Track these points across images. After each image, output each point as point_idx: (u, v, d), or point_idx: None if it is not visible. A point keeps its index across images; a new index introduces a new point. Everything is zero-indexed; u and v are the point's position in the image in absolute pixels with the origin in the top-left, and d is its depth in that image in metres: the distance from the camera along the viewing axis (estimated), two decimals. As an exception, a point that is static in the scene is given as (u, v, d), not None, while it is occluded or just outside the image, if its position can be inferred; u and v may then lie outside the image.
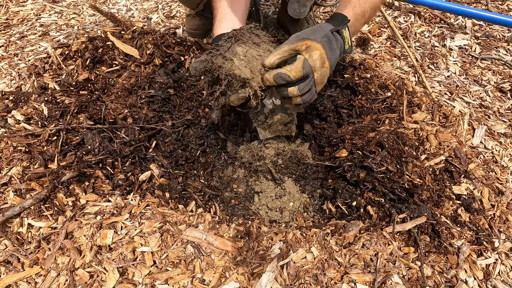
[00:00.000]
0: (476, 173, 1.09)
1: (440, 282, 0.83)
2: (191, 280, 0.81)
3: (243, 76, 0.86)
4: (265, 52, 0.90)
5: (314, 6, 1.66)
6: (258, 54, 0.90)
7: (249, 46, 0.90)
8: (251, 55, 0.88)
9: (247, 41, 0.91)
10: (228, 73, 0.86)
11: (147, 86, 1.31)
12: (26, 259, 0.86)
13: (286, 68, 0.86)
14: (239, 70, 0.86)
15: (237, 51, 0.87)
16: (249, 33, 0.94)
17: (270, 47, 0.93)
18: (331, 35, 0.93)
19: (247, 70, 0.87)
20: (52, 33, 1.81)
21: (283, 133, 1.13)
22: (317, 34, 0.90)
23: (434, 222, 0.92)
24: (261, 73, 0.91)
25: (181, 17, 1.92)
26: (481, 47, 1.65)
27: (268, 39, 0.96)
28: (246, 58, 0.88)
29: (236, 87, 0.90)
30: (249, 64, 0.88)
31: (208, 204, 1.07)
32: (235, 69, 0.86)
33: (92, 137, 1.09)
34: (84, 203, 0.97)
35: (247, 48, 0.89)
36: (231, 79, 0.87)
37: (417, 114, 1.22)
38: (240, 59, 0.87)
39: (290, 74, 0.85)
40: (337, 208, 1.03)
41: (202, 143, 1.20)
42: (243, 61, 0.87)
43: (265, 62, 0.88)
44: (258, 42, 0.93)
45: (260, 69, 0.89)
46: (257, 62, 0.89)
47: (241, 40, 0.91)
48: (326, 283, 0.80)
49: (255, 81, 0.89)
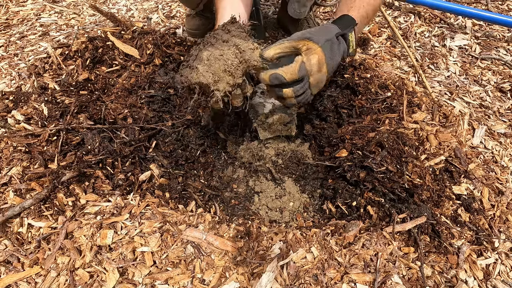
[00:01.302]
0: (476, 173, 1.09)
1: (440, 282, 0.83)
2: (191, 280, 0.81)
3: (205, 82, 0.83)
4: (230, 49, 0.85)
5: (314, 6, 1.66)
6: (221, 53, 0.85)
7: (215, 47, 0.85)
8: (214, 57, 0.84)
9: (216, 42, 0.87)
10: (193, 82, 0.84)
11: (147, 86, 1.31)
12: (26, 259, 0.86)
13: (282, 69, 0.85)
14: (203, 76, 0.83)
15: (202, 57, 0.84)
16: (222, 31, 0.90)
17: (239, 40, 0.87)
18: (335, 40, 0.92)
19: (209, 75, 0.83)
20: (52, 33, 1.81)
21: (283, 133, 1.14)
22: (321, 37, 0.89)
23: (434, 222, 0.92)
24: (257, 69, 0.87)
25: (181, 17, 1.92)
26: (481, 47, 1.65)
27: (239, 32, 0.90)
28: (208, 62, 0.84)
29: (209, 93, 0.87)
30: (211, 68, 0.84)
31: (208, 204, 1.07)
32: (199, 77, 0.83)
33: (92, 137, 1.09)
34: (84, 203, 0.97)
35: (212, 51, 0.85)
36: (199, 87, 0.85)
37: (417, 114, 1.22)
38: (204, 64, 0.84)
39: (286, 76, 0.84)
40: (337, 208, 1.03)
41: (202, 143, 1.20)
42: (206, 66, 0.84)
43: (264, 54, 0.86)
44: (227, 39, 0.88)
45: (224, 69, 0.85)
46: (219, 62, 0.84)
47: (210, 43, 0.87)
48: (326, 283, 0.80)
49: (222, 83, 0.85)
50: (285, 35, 1.80)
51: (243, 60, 0.86)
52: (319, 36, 0.89)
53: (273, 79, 0.86)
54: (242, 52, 0.86)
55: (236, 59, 0.85)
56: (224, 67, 0.84)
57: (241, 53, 0.86)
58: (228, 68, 0.84)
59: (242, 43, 0.86)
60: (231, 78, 0.86)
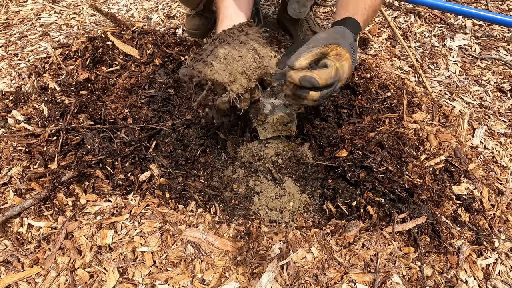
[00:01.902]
0: (476, 173, 1.09)
1: (440, 282, 0.83)
2: (191, 280, 0.81)
3: (220, 81, 0.83)
4: (249, 52, 0.86)
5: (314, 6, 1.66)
6: (240, 54, 0.85)
7: (233, 46, 0.85)
8: (232, 56, 0.84)
9: (233, 41, 0.87)
10: (207, 78, 0.83)
11: (147, 86, 1.31)
12: (26, 259, 0.86)
13: (317, 74, 0.82)
14: (218, 74, 0.82)
15: (218, 53, 0.84)
16: (238, 32, 0.89)
17: (257, 44, 0.87)
18: (354, 44, 0.91)
19: (225, 74, 0.83)
20: (52, 33, 1.81)
21: (283, 133, 1.14)
22: (345, 42, 0.87)
23: (434, 222, 0.92)
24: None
25: (181, 17, 1.92)
26: (481, 47, 1.65)
27: (257, 36, 0.90)
28: (226, 61, 0.83)
29: (219, 92, 0.87)
30: (228, 67, 0.83)
31: (208, 204, 1.07)
32: (214, 73, 0.82)
33: (92, 137, 1.09)
34: (84, 203, 0.97)
35: (229, 50, 0.85)
36: (211, 84, 0.84)
37: (417, 114, 1.22)
38: (220, 62, 0.83)
39: (320, 81, 0.82)
40: (337, 208, 1.03)
41: (202, 143, 1.20)
42: (222, 64, 0.83)
43: (295, 64, 0.83)
44: (244, 41, 0.88)
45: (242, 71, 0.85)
46: (237, 63, 0.84)
47: (226, 41, 0.87)
48: (326, 283, 0.80)
49: (236, 84, 0.85)
50: (285, 35, 1.80)
51: (261, 65, 0.86)
52: (344, 41, 0.88)
53: (305, 82, 0.82)
54: (261, 57, 0.87)
55: (254, 63, 0.86)
56: (243, 69, 0.84)
57: (260, 58, 0.87)
58: (246, 71, 0.85)
59: (261, 48, 0.87)
60: (246, 81, 0.86)
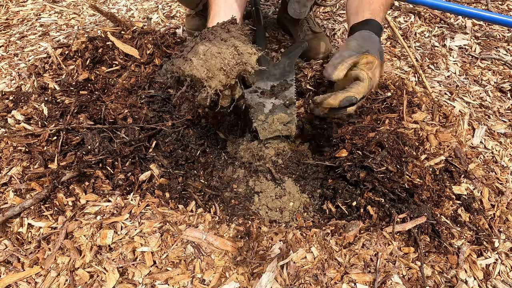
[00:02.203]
0: (476, 173, 1.09)
1: (440, 282, 0.83)
2: (191, 280, 0.81)
3: (198, 76, 0.83)
4: (228, 48, 0.85)
5: (314, 6, 1.66)
6: (219, 51, 0.84)
7: (213, 43, 0.85)
8: (211, 53, 0.84)
9: (214, 38, 0.86)
10: (186, 74, 0.83)
11: (147, 86, 1.31)
12: (26, 259, 0.86)
13: (353, 91, 0.82)
14: (196, 70, 0.82)
15: (198, 50, 0.84)
16: (221, 29, 0.89)
17: (238, 41, 0.87)
18: (382, 49, 0.91)
19: (203, 69, 0.83)
20: (52, 33, 1.81)
21: (283, 133, 1.14)
22: (375, 48, 0.88)
23: (434, 222, 0.92)
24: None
25: (181, 17, 1.92)
26: (481, 47, 1.65)
27: (239, 34, 0.90)
28: (205, 57, 0.83)
29: (199, 88, 0.87)
30: (206, 63, 0.83)
31: (208, 204, 1.07)
32: (192, 69, 0.82)
33: (92, 137, 1.09)
34: (84, 203, 0.97)
35: (209, 46, 0.84)
36: (191, 80, 0.85)
37: (417, 114, 1.22)
38: (199, 58, 0.83)
39: (358, 96, 0.82)
40: (337, 208, 1.03)
41: (202, 143, 1.20)
42: (201, 60, 0.83)
43: (333, 77, 0.83)
44: (226, 38, 0.88)
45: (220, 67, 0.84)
46: (216, 60, 0.84)
47: (207, 38, 0.86)
48: (326, 283, 0.80)
49: (214, 81, 0.85)
50: (285, 35, 1.80)
51: (240, 62, 0.86)
52: (374, 48, 0.88)
53: (346, 103, 0.82)
54: (240, 54, 0.86)
55: (233, 60, 0.86)
56: (220, 66, 0.84)
57: (239, 55, 0.86)
58: (224, 67, 0.84)
59: (241, 45, 0.87)
60: (224, 77, 0.86)
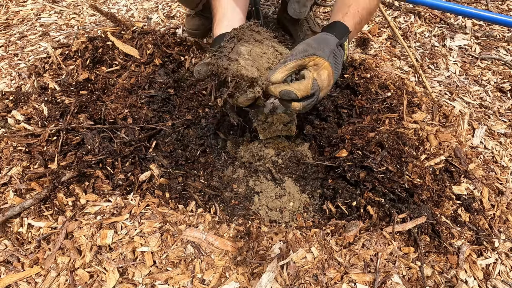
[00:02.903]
0: (476, 173, 1.09)
1: (440, 282, 0.83)
2: (191, 280, 0.81)
3: (250, 76, 0.84)
4: (269, 49, 0.89)
5: (314, 6, 1.66)
6: (263, 51, 0.88)
7: (252, 44, 0.88)
8: (256, 53, 0.87)
9: (249, 39, 0.89)
10: (235, 74, 0.84)
11: (147, 86, 1.31)
12: (26, 259, 0.86)
13: (294, 86, 0.83)
14: (246, 70, 0.84)
15: (241, 51, 0.86)
16: (250, 31, 0.92)
17: (273, 43, 0.91)
18: (337, 51, 0.91)
19: (254, 69, 0.85)
20: (52, 33, 1.81)
21: (283, 133, 1.13)
22: (324, 50, 0.88)
23: (434, 222, 0.92)
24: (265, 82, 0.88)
25: (181, 17, 1.92)
26: (481, 47, 1.65)
27: (269, 35, 0.94)
28: (252, 57, 0.86)
29: (244, 88, 0.88)
30: (255, 63, 0.86)
31: (208, 204, 1.07)
32: (241, 69, 0.84)
33: (92, 137, 1.09)
34: (84, 203, 0.97)
35: (251, 47, 0.87)
36: (239, 80, 0.85)
37: (417, 114, 1.22)
38: (246, 58, 0.85)
39: (298, 93, 0.83)
40: (337, 208, 1.03)
41: (202, 143, 1.20)
42: (248, 60, 0.85)
43: (271, 79, 0.84)
44: (260, 39, 0.91)
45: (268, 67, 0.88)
46: (262, 59, 0.88)
47: (244, 39, 0.89)
48: (326, 283, 0.80)
49: (262, 79, 0.87)
50: (285, 35, 1.80)
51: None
52: (324, 50, 0.88)
53: (284, 95, 0.84)
54: (281, 53, 0.91)
55: (276, 59, 0.90)
56: (268, 65, 0.88)
57: (280, 55, 0.91)
58: (271, 66, 0.88)
59: (278, 45, 0.92)
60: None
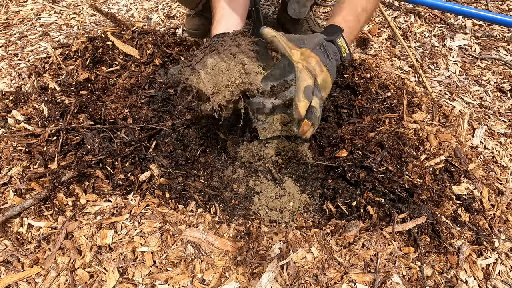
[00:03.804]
0: (476, 173, 1.09)
1: (440, 282, 0.83)
2: (191, 280, 0.81)
3: (204, 91, 0.86)
4: (236, 66, 0.88)
5: (314, 6, 1.66)
6: (227, 68, 0.87)
7: (221, 58, 0.87)
8: (219, 68, 0.87)
9: (223, 51, 0.88)
10: (192, 86, 0.86)
11: (147, 86, 1.31)
12: (26, 259, 0.86)
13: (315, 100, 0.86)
14: (203, 84, 0.86)
15: (206, 63, 0.86)
16: (231, 41, 0.91)
17: (247, 58, 0.90)
18: (325, 43, 0.92)
19: (210, 85, 0.86)
20: (52, 33, 1.81)
21: (283, 133, 1.13)
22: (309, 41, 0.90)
23: (434, 222, 0.92)
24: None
25: (181, 17, 1.92)
26: (481, 47, 1.65)
27: (248, 49, 0.92)
28: (213, 72, 0.86)
29: (204, 99, 0.90)
30: (214, 79, 0.86)
31: (208, 204, 1.07)
32: (199, 82, 0.86)
33: (92, 137, 1.09)
34: (84, 203, 0.97)
35: (218, 61, 0.87)
36: (196, 92, 0.88)
37: (417, 114, 1.22)
38: (207, 72, 0.86)
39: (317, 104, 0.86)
40: (337, 208, 1.03)
41: (202, 143, 1.20)
42: (209, 74, 0.86)
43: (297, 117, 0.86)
44: (235, 53, 0.90)
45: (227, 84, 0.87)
46: (223, 76, 0.87)
47: (217, 50, 0.89)
48: (326, 283, 0.80)
49: (219, 96, 0.88)
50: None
51: (246, 81, 0.89)
52: (307, 42, 0.89)
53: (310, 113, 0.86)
54: (247, 73, 0.89)
55: (240, 78, 0.88)
56: (227, 83, 0.87)
57: (246, 74, 0.89)
58: (230, 85, 0.87)
59: (249, 63, 0.89)
60: (229, 94, 0.88)
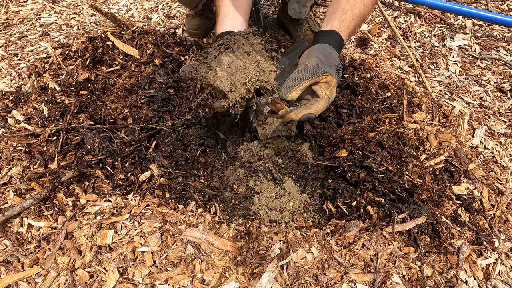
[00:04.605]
0: (476, 173, 1.09)
1: (440, 282, 0.83)
2: (191, 280, 0.81)
3: (221, 89, 0.88)
4: (252, 64, 0.90)
5: (314, 6, 1.66)
6: (243, 65, 0.89)
7: (237, 56, 0.89)
8: (235, 66, 0.88)
9: (237, 50, 0.90)
10: (209, 83, 0.88)
11: (147, 86, 1.31)
12: (26, 259, 0.86)
13: (313, 108, 0.91)
14: (220, 81, 0.87)
15: (222, 60, 0.88)
16: (244, 40, 0.93)
17: (260, 57, 0.92)
18: (340, 66, 0.98)
19: (228, 83, 0.88)
20: (52, 33, 1.81)
21: (283, 133, 1.14)
22: (333, 65, 0.95)
23: (434, 222, 0.92)
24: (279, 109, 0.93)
25: (181, 17, 1.92)
26: (481, 47, 1.65)
27: (261, 48, 0.94)
28: (229, 70, 0.88)
29: (219, 96, 0.92)
30: (231, 76, 0.88)
31: (208, 204, 1.06)
32: (216, 80, 0.87)
33: (92, 137, 1.09)
34: (84, 203, 0.97)
35: (234, 59, 0.88)
36: (212, 89, 0.89)
37: (417, 114, 1.22)
38: (224, 70, 0.87)
39: (317, 113, 0.92)
40: (337, 208, 1.03)
41: (202, 143, 1.20)
42: (225, 72, 0.87)
43: (287, 97, 0.90)
44: (249, 51, 0.92)
45: (243, 82, 0.89)
46: (240, 74, 0.89)
47: (231, 48, 0.90)
48: (326, 283, 0.80)
49: (235, 93, 0.89)
50: (285, 35, 1.80)
51: (261, 79, 0.90)
52: (331, 65, 0.94)
53: (305, 118, 0.92)
54: (262, 71, 0.91)
55: (255, 76, 0.90)
56: (244, 80, 0.89)
57: (261, 72, 0.91)
58: (247, 83, 0.89)
59: (263, 62, 0.91)
60: (245, 91, 0.90)
